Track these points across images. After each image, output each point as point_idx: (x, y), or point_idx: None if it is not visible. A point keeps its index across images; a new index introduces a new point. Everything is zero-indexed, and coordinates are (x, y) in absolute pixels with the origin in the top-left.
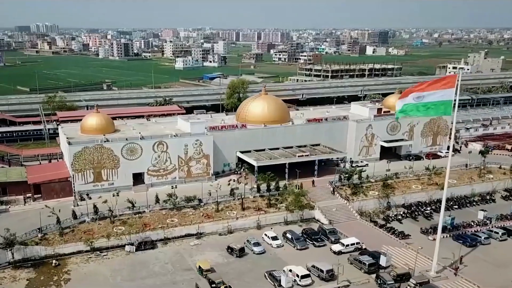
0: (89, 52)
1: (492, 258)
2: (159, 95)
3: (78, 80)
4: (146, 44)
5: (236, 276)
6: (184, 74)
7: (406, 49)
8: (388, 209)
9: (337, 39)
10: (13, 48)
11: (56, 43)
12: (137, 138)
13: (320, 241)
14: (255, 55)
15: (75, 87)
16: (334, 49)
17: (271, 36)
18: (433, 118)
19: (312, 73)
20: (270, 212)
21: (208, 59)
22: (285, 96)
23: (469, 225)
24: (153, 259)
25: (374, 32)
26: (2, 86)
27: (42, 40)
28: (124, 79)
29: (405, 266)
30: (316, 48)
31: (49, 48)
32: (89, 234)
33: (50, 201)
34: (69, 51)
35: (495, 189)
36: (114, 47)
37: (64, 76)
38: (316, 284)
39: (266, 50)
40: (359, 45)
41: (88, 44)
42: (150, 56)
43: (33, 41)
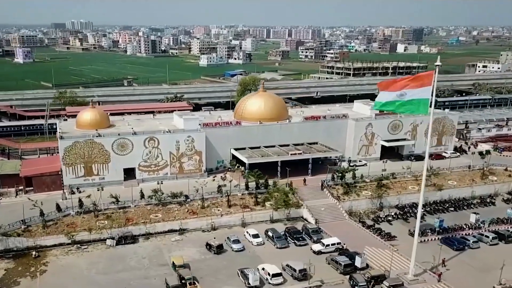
0: (118, 49)
1: (477, 263)
2: (172, 91)
3: (100, 76)
4: (174, 41)
5: (210, 273)
6: (207, 71)
7: (439, 47)
8: (381, 210)
9: (368, 36)
10: (46, 44)
11: (87, 40)
12: (129, 134)
13: (302, 240)
14: (281, 52)
15: (97, 83)
16: (364, 47)
17: (302, 34)
18: (438, 117)
19: (334, 71)
20: (256, 210)
21: (233, 56)
22: (299, 94)
23: (461, 228)
24: (132, 253)
25: (409, 29)
26: (28, 81)
27: (74, 36)
28: (146, 76)
29: (386, 268)
30: (346, 45)
31: (80, 44)
32: (71, 227)
33: (41, 194)
34: (99, 47)
35: (497, 191)
36: (141, 44)
37: (89, 72)
38: (289, 283)
39: (295, 47)
40: (390, 42)
41: (118, 41)
42: (177, 53)
43: (66, 37)
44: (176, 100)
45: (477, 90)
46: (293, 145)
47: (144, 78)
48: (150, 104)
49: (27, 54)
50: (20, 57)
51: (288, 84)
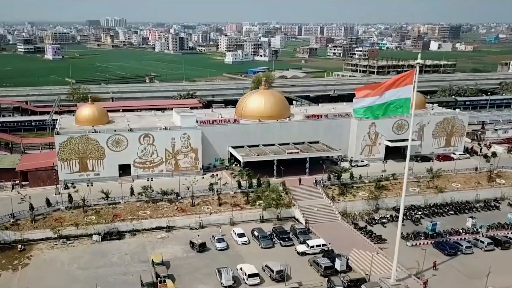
0: (147, 46)
1: (467, 269)
2: (187, 88)
3: (124, 73)
4: (204, 38)
5: (189, 271)
6: (232, 68)
7: (474, 45)
8: (377, 212)
9: (402, 34)
10: (78, 41)
11: (118, 37)
12: (125, 130)
13: (288, 240)
14: (309, 50)
15: (119, 79)
16: (395, 45)
17: (334, 31)
18: (447, 117)
19: (358, 69)
20: (246, 209)
21: (259, 53)
22: (315, 92)
23: (457, 233)
24: (115, 249)
25: (445, 26)
26: (53, 77)
27: (105, 34)
28: (170, 73)
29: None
30: (377, 43)
31: (111, 41)
32: (59, 222)
33: (37, 188)
34: (129, 44)
35: (504, 195)
36: (169, 41)
37: (114, 68)
38: (266, 284)
39: (325, 44)
40: (423, 40)
41: (147, 38)
42: (204, 50)
43: (98, 35)
44: (188, 97)
45: (503, 89)
46: (293, 144)
47: (168, 75)
48: (161, 101)
49: (57, 50)
50: (50, 54)
51: (304, 82)
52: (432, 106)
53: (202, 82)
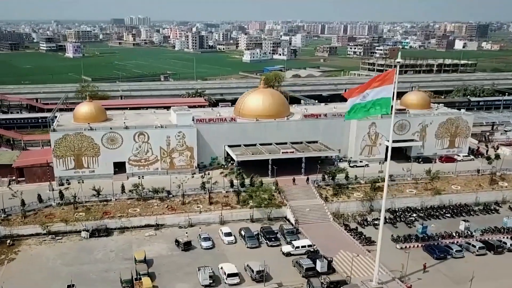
0: (167, 45)
1: (454, 273)
2: (197, 87)
3: (141, 71)
4: (224, 37)
5: (171, 269)
6: (249, 66)
7: (501, 44)
8: (371, 213)
9: (427, 32)
10: (100, 40)
11: (140, 36)
12: (120, 128)
13: (274, 240)
14: (329, 48)
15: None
16: (419, 43)
17: (358, 29)
18: (451, 118)
19: (374, 68)
20: (237, 208)
21: (278, 52)
22: (326, 91)
23: (450, 236)
24: (102, 246)
25: (473, 25)
26: (71, 75)
27: (128, 32)
28: (186, 71)
29: (357, 273)
30: (400, 42)
31: (133, 40)
32: (49, 218)
33: (32, 185)
34: (150, 43)
35: (505, 198)
36: (189, 39)
37: (131, 67)
38: (246, 284)
39: (346, 43)
40: (447, 39)
41: (169, 37)
42: (224, 49)
43: (120, 33)
44: (196, 96)
45: None
46: (290, 144)
47: (183, 73)
48: (168, 99)
49: (77, 49)
50: (70, 52)
51: (316, 81)
52: (438, 106)
53: (213, 80)
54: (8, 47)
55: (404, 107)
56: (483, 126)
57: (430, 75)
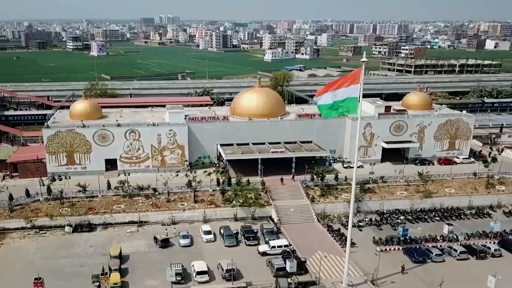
0: (192, 44)
1: (431, 278)
2: (207, 86)
3: (160, 70)
4: (250, 36)
5: (145, 266)
6: (270, 66)
7: None
8: (356, 214)
9: (458, 32)
10: (127, 39)
11: (167, 35)
12: (113, 125)
13: (252, 239)
14: (353, 48)
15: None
16: (448, 43)
17: (387, 29)
18: (450, 119)
19: (394, 68)
20: (221, 206)
21: (301, 51)
22: None
23: (434, 239)
24: (83, 241)
25: (510, 24)
26: (92, 73)
27: (154, 31)
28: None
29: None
30: (428, 41)
31: (159, 39)
32: (35, 213)
33: (26, 180)
34: (175, 42)
35: (501, 202)
36: (213, 38)
37: (152, 66)
38: (216, 282)
39: (373, 43)
40: (478, 38)
41: (194, 36)
42: (248, 48)
43: (147, 32)
44: (203, 95)
45: None
46: (284, 144)
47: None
48: (174, 98)
49: (101, 47)
50: (94, 51)
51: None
52: (440, 107)
53: (225, 79)
54: (36, 45)
55: (404, 108)
56: (491, 128)
57: (449, 76)
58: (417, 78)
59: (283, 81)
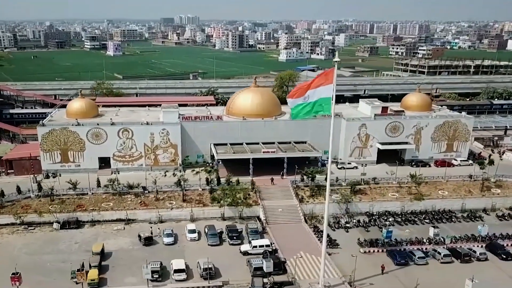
0: (209, 44)
1: (411, 281)
2: (213, 86)
3: (173, 70)
4: (267, 36)
5: (126, 263)
6: (284, 66)
7: None
8: (344, 215)
9: (480, 32)
10: (145, 38)
11: (185, 34)
12: (107, 124)
13: (236, 239)
14: (369, 48)
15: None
16: (469, 44)
17: (408, 29)
18: (448, 121)
19: (408, 69)
20: (209, 206)
21: (316, 51)
22: (344, 92)
23: (420, 242)
24: (69, 238)
25: None
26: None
27: (172, 31)
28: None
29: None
30: (449, 42)
31: (177, 39)
32: (24, 209)
33: (20, 177)
34: (192, 42)
35: (495, 206)
36: (229, 38)
37: (166, 65)
38: (193, 280)
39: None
40: (500, 39)
41: (211, 36)
42: (264, 48)
43: (165, 32)
44: (208, 94)
45: None
46: (278, 144)
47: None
48: (178, 97)
49: (117, 47)
50: (111, 50)
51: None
52: (439, 108)
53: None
54: (55, 45)
55: (402, 109)
56: (496, 130)
57: (460, 77)
58: (428, 79)
59: (288, 81)
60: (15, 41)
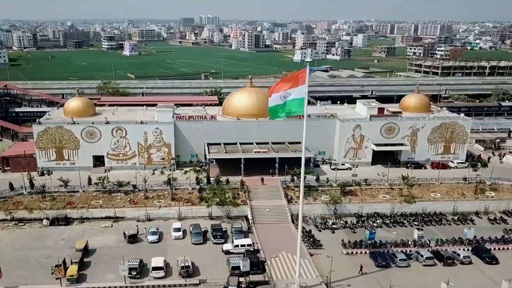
0: (225, 44)
1: (388, 283)
2: (220, 86)
3: (186, 70)
4: (284, 36)
5: (108, 259)
6: (299, 66)
7: None
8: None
9: (503, 33)
10: (163, 38)
11: (202, 34)
12: (101, 123)
13: (219, 238)
14: (386, 49)
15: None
16: (490, 44)
17: (429, 29)
18: (445, 122)
19: (421, 69)
20: (197, 204)
21: (331, 51)
22: (351, 92)
23: (404, 244)
24: (57, 234)
25: None
26: (119, 73)
27: (190, 31)
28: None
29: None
30: (469, 42)
31: (194, 39)
32: (16, 205)
33: (16, 174)
34: (209, 42)
35: (487, 209)
36: (245, 39)
37: (180, 65)
38: (171, 278)
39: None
40: None
41: (229, 36)
42: (280, 48)
43: (184, 32)
44: (213, 94)
45: None
46: (272, 144)
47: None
48: (180, 97)
49: (133, 47)
50: (127, 50)
51: (344, 82)
52: (439, 109)
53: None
54: (73, 45)
55: (400, 110)
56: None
57: (471, 78)
58: (438, 80)
59: None
60: (34, 41)
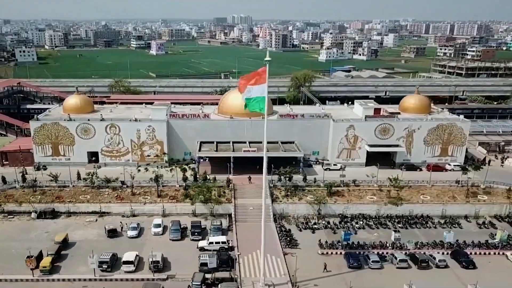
0: (253, 43)
1: (357, 284)
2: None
3: (208, 69)
4: (313, 36)
5: (85, 253)
6: (323, 66)
7: None
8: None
9: None
10: (192, 38)
11: (232, 34)
12: (96, 120)
13: (196, 235)
14: (415, 49)
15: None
16: None
17: (465, 29)
18: (442, 124)
19: (445, 70)
20: (181, 202)
21: (358, 51)
22: (364, 93)
23: (382, 246)
24: (42, 227)
25: None
26: (142, 71)
27: (220, 31)
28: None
29: (258, 273)
30: (505, 43)
31: (224, 38)
32: (7, 199)
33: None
34: (237, 41)
35: (478, 213)
36: (272, 38)
37: (204, 65)
38: (141, 272)
39: (443, 44)
40: None
41: (258, 35)
42: (307, 48)
43: (214, 31)
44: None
45: None
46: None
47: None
48: (188, 96)
49: (160, 46)
50: (153, 49)
51: (358, 82)
52: (439, 110)
53: None
54: (103, 44)
55: (398, 111)
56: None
57: (492, 79)
58: (458, 81)
59: (304, 81)
60: (65, 40)
